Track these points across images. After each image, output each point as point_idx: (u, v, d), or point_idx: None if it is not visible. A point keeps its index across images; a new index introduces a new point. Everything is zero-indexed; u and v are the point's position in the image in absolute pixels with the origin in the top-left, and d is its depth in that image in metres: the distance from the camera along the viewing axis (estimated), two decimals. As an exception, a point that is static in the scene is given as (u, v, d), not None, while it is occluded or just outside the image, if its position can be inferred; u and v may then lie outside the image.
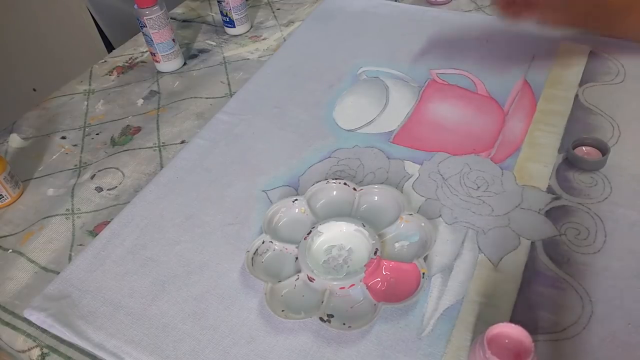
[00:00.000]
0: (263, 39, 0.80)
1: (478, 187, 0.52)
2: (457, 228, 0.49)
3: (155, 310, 0.45)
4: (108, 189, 0.58)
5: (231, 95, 0.69)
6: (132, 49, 0.81)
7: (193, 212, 0.53)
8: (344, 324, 0.42)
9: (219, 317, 0.44)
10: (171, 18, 0.85)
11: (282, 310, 0.43)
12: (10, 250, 0.53)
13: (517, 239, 0.47)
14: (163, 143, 0.63)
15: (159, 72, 0.75)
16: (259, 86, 0.69)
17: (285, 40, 0.77)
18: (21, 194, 0.59)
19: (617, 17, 0.58)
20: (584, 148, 0.54)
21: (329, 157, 0.58)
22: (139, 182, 0.59)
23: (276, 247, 0.48)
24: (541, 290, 0.44)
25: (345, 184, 0.52)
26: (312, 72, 0.70)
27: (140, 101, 0.71)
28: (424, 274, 0.43)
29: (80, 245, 0.53)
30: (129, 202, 0.55)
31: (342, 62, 0.71)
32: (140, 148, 0.63)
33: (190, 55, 0.78)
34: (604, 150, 0.53)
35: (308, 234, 0.47)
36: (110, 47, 1.32)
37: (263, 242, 0.48)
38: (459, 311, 0.43)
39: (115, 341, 0.43)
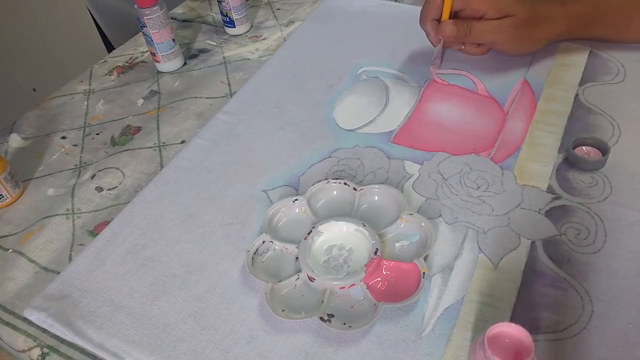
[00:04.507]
0: (263, 39, 0.80)
1: (478, 187, 0.52)
2: (457, 228, 0.49)
3: (156, 310, 0.45)
4: (108, 189, 0.58)
5: (231, 95, 0.69)
6: (132, 49, 0.81)
7: (193, 212, 0.53)
8: (344, 323, 0.42)
9: (219, 317, 0.44)
10: (171, 18, 0.85)
11: (283, 310, 0.43)
12: (11, 250, 0.53)
13: (517, 238, 0.47)
14: (163, 143, 0.63)
15: (159, 72, 0.75)
16: (259, 86, 0.69)
17: (285, 40, 0.78)
18: (21, 194, 0.59)
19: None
20: (584, 148, 0.54)
21: (329, 157, 0.58)
22: (139, 182, 0.59)
23: (276, 247, 0.48)
24: (541, 290, 0.44)
25: (345, 183, 0.52)
26: (312, 72, 0.70)
27: (141, 101, 0.71)
28: (424, 273, 0.43)
29: (81, 245, 0.53)
30: (129, 202, 0.55)
31: (342, 62, 0.71)
32: (140, 148, 0.63)
33: (190, 55, 0.78)
34: (604, 150, 0.53)
35: (308, 233, 0.47)
36: (110, 47, 1.32)
37: (263, 242, 0.48)
38: (459, 311, 0.43)
39: (115, 341, 0.43)
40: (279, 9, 0.86)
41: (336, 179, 0.52)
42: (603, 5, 0.62)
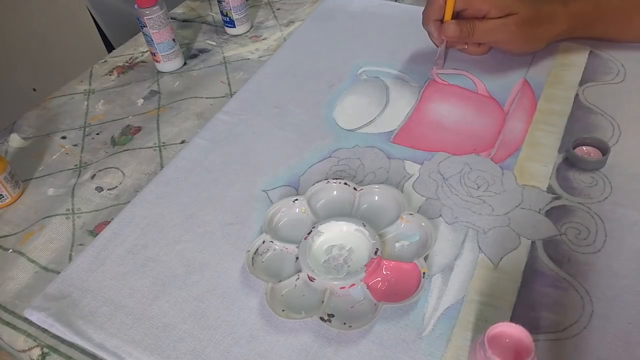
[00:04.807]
0: (263, 39, 0.80)
1: (478, 187, 0.52)
2: (458, 228, 0.49)
3: (156, 310, 0.45)
4: (108, 189, 0.58)
5: (231, 95, 0.69)
6: (132, 49, 0.81)
7: (193, 211, 0.53)
8: (345, 323, 0.42)
9: (219, 317, 0.44)
10: (171, 18, 0.85)
11: (283, 310, 0.43)
12: (11, 250, 0.53)
13: (518, 238, 0.47)
14: (163, 143, 0.63)
15: (159, 72, 0.75)
16: (259, 86, 0.69)
17: (285, 40, 0.78)
18: (21, 194, 0.59)
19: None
20: (584, 148, 0.54)
21: (329, 157, 0.58)
22: (139, 182, 0.59)
23: (276, 247, 0.48)
24: (541, 290, 0.44)
25: (345, 183, 0.52)
26: (312, 72, 0.70)
27: (141, 101, 0.71)
28: (424, 273, 0.43)
29: (81, 245, 0.53)
30: (129, 202, 0.55)
31: (342, 62, 0.71)
32: (140, 148, 0.63)
33: (190, 55, 0.78)
34: (604, 149, 0.53)
35: (308, 233, 0.47)
36: (110, 47, 1.32)
37: (263, 242, 0.48)
38: (460, 311, 0.43)
39: (115, 341, 0.43)
40: (279, 9, 0.86)
41: (336, 179, 0.52)
42: (604, 5, 0.62)
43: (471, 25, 0.60)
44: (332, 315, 0.42)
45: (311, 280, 0.45)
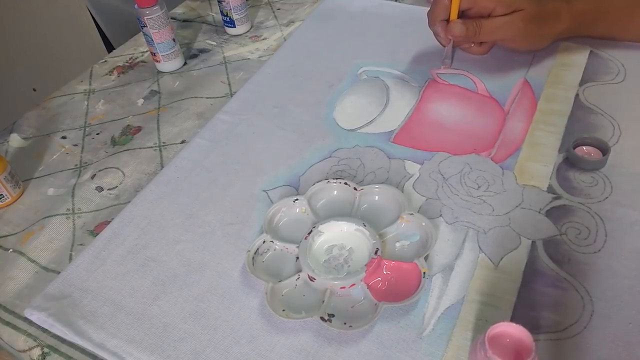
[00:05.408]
0: (263, 39, 0.80)
1: (479, 187, 0.52)
2: (458, 228, 0.49)
3: (156, 309, 0.45)
4: (108, 189, 0.58)
5: (231, 95, 0.69)
6: (132, 49, 0.81)
7: (193, 211, 0.53)
8: (345, 323, 0.42)
9: (219, 317, 0.44)
10: (171, 18, 0.85)
11: (283, 310, 0.43)
12: (11, 250, 0.53)
13: (518, 238, 0.47)
14: (163, 143, 0.63)
15: (159, 71, 0.75)
16: (259, 86, 0.69)
17: (285, 40, 0.78)
18: (21, 194, 0.59)
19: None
20: (584, 147, 0.54)
21: (330, 156, 0.58)
22: (139, 182, 0.59)
23: (277, 247, 0.48)
24: (542, 290, 0.44)
25: (345, 183, 0.52)
26: (312, 72, 0.70)
27: (141, 101, 0.71)
28: (424, 273, 0.43)
29: (81, 245, 0.53)
30: (129, 201, 0.55)
31: (342, 62, 0.71)
32: (140, 148, 0.63)
33: (190, 55, 0.78)
34: (604, 149, 0.53)
35: (309, 233, 0.47)
36: (110, 47, 1.32)
37: (264, 242, 0.48)
38: (460, 311, 0.43)
39: (116, 341, 0.43)
40: (279, 9, 0.86)
41: (336, 178, 0.52)
42: (606, 3, 0.63)
43: (477, 24, 0.60)
44: (333, 315, 0.42)
45: (311, 280, 0.45)
